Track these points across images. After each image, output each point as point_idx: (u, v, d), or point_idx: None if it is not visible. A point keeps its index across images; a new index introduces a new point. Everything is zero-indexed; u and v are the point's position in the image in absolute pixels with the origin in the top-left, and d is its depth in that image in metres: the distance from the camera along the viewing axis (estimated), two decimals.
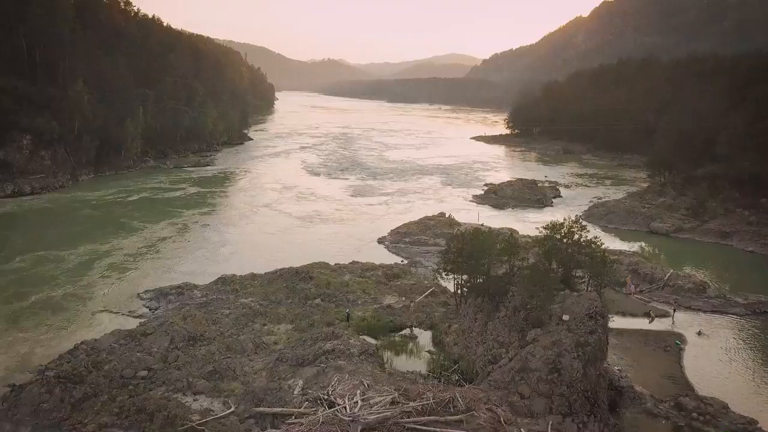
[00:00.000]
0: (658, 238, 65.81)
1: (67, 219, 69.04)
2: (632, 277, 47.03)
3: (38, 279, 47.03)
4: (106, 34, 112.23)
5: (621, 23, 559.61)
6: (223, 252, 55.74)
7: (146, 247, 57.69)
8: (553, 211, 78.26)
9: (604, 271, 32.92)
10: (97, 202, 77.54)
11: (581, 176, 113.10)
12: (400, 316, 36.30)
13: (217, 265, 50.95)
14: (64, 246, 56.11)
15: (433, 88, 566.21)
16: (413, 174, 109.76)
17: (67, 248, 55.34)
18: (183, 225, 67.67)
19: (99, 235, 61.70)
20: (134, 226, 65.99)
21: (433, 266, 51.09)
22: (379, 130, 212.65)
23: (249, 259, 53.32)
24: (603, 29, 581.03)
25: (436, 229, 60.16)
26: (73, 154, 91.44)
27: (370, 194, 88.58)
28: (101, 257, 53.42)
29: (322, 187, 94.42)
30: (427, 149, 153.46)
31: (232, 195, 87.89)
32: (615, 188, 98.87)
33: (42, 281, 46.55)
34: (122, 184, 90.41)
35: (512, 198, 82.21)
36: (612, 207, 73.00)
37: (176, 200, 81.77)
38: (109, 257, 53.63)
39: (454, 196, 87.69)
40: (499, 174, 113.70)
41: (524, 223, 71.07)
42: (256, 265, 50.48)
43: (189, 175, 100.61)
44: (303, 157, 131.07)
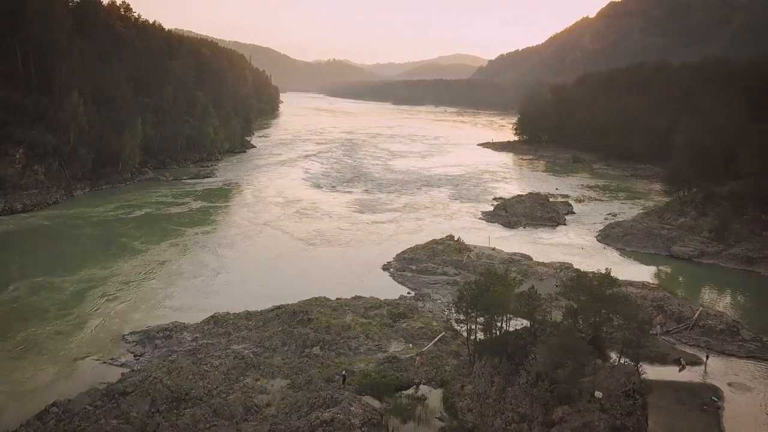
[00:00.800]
0: (679, 263, 62.12)
1: (62, 239, 66.39)
2: (660, 316, 43.29)
3: (29, 311, 44.85)
4: (105, 42, 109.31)
5: (628, 24, 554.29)
6: (218, 282, 52.40)
7: (141, 274, 54.70)
8: (566, 231, 74.77)
9: (642, 342, 28.65)
10: (93, 220, 74.44)
11: (593, 188, 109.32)
12: (407, 370, 32.84)
13: (211, 299, 47.72)
14: (59, 271, 54.04)
15: (438, 90, 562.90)
16: (419, 186, 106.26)
17: (62, 274, 53.24)
18: (180, 246, 64.62)
19: (94, 258, 59.19)
20: (130, 248, 63.11)
21: (441, 299, 47.92)
22: (385, 136, 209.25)
23: (245, 290, 50.09)
24: (609, 30, 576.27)
25: (444, 256, 56.68)
26: (68, 167, 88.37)
27: (375, 210, 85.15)
28: (95, 285, 50.91)
29: (326, 201, 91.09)
30: (433, 158, 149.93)
31: (232, 211, 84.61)
32: (630, 203, 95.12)
33: (33, 314, 44.37)
34: (119, 198, 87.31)
35: (523, 216, 78.61)
36: (629, 228, 69.27)
37: (174, 217, 78.57)
38: (103, 285, 51.02)
39: (463, 213, 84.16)
40: (509, 186, 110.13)
41: (537, 245, 67.52)
42: (252, 299, 47.29)
43: (188, 189, 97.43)
44: (306, 167, 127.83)
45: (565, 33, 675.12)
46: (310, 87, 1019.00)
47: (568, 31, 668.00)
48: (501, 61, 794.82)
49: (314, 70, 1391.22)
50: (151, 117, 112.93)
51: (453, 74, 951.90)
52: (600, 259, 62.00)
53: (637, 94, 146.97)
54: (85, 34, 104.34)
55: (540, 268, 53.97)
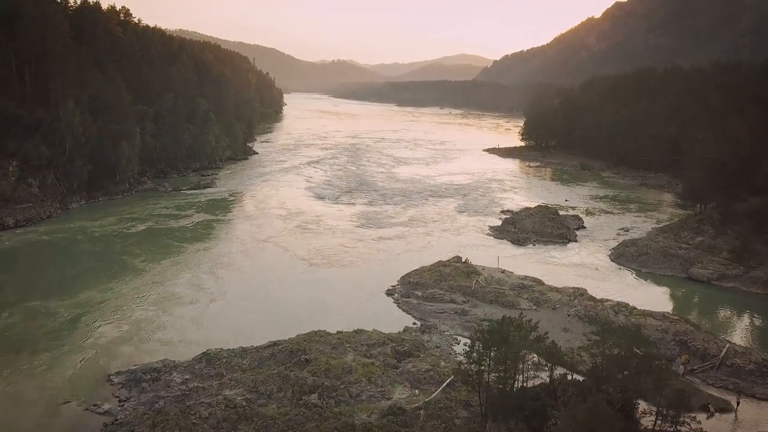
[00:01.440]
0: (698, 286, 59.10)
1: (61, 257, 64.24)
2: (685, 356, 40.32)
3: (22, 341, 43.16)
4: (103, 49, 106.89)
5: (633, 25, 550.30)
6: (213, 310, 49.68)
7: (137, 298, 52.45)
8: (578, 248, 71.84)
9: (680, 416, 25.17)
10: (91, 236, 71.95)
11: (603, 199, 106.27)
12: (412, 425, 30.02)
13: (205, 330, 45.11)
14: (57, 293, 52.43)
15: (443, 91, 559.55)
16: (425, 197, 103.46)
17: (60, 296, 51.61)
18: (179, 265, 62.35)
19: (94, 278, 57.53)
20: (130, 267, 61.02)
21: (448, 331, 45.19)
22: (389, 141, 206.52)
23: (241, 320, 47.43)
24: (615, 30, 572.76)
25: (451, 281, 53.85)
26: (64, 179, 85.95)
27: (379, 224, 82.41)
28: (91, 310, 49.10)
29: (328, 214, 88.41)
30: (439, 165, 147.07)
31: (233, 225, 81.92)
32: (642, 216, 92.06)
33: (25, 344, 42.63)
34: (116, 211, 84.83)
35: (533, 232, 75.72)
36: (645, 247, 66.27)
37: (174, 232, 76.05)
38: (99, 310, 49.17)
39: (470, 228, 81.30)
40: (517, 196, 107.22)
41: (548, 265, 64.64)
42: (248, 330, 44.83)
43: (188, 200, 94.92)
44: (309, 175, 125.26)
45: (570, 33, 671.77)
46: (315, 88, 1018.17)
47: (574, 32, 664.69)
48: (506, 61, 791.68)
49: (319, 71, 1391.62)
50: (151, 125, 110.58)
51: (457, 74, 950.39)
52: (615, 282, 59.19)
53: (646, 99, 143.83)
54: (83, 41, 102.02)
55: (553, 295, 51.14)
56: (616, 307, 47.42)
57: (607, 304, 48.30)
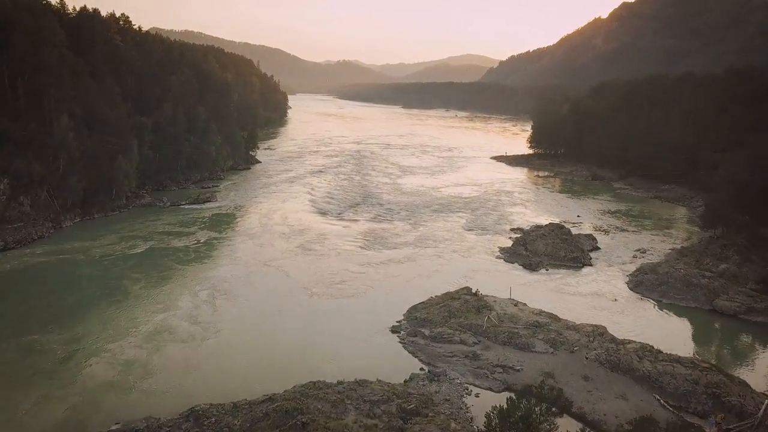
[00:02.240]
0: (724, 320, 55.40)
1: (55, 284, 61.10)
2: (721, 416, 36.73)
3: (12, 383, 41.01)
4: (101, 59, 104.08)
5: (641, 25, 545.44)
6: (206, 351, 46.36)
7: (131, 332, 49.63)
8: (594, 274, 68.16)
9: None
10: (85, 259, 69.12)
11: (616, 215, 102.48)
12: None
13: (195, 377, 41.81)
14: (54, 325, 50.33)
15: (449, 93, 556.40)
16: (431, 211, 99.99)
17: (57, 329, 49.53)
18: (176, 293, 59.49)
19: (95, 306, 55.31)
20: (124, 295, 58.31)
21: (459, 379, 41.76)
22: (395, 147, 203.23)
23: (234, 363, 44.16)
24: (622, 31, 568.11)
25: (461, 317, 50.34)
26: (57, 196, 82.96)
27: (384, 244, 79.00)
28: (85, 346, 46.83)
29: (332, 232, 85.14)
30: (445, 174, 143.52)
31: (233, 245, 78.56)
32: (659, 234, 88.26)
33: (15, 386, 40.57)
34: (112, 230, 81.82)
35: (545, 255, 72.15)
36: (665, 274, 62.54)
37: (172, 254, 72.91)
38: (92, 347, 46.77)
39: (479, 249, 77.76)
40: (526, 210, 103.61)
41: (563, 294, 61.04)
42: (241, 377, 41.67)
43: (187, 216, 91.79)
44: (313, 186, 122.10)
45: (576, 34, 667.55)
46: (320, 88, 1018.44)
47: (580, 32, 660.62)
48: (512, 62, 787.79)
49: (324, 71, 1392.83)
50: (149, 136, 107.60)
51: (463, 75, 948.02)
52: (635, 316, 55.57)
53: (659, 107, 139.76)
54: (81, 51, 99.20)
55: (570, 334, 47.59)
56: (640, 351, 43.86)
57: (630, 347, 44.71)
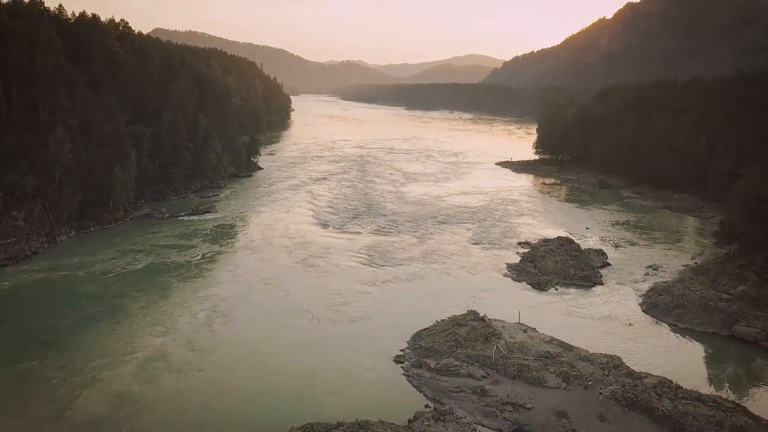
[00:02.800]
0: (744, 347, 52.80)
1: (53, 304, 59.34)
2: None
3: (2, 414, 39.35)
4: (99, 67, 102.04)
5: (646, 26, 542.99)
6: (199, 384, 44.00)
7: (125, 361, 47.56)
8: (605, 294, 65.63)
9: None
10: (80, 276, 67.26)
11: (625, 226, 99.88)
12: None
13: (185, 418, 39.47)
14: (50, 351, 48.65)
15: (452, 95, 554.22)
16: (436, 223, 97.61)
17: (55, 355, 47.89)
18: (175, 313, 57.70)
19: (94, 329, 53.70)
20: (117, 318, 56.06)
21: (467, 418, 39.37)
22: (399, 152, 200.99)
23: (227, 399, 41.86)
24: (627, 32, 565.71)
25: (468, 346, 47.90)
26: (53, 209, 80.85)
27: (388, 259, 76.63)
28: (78, 374, 45.10)
29: (335, 245, 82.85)
30: (450, 182, 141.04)
31: (233, 260, 76.25)
32: (671, 249, 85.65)
33: (5, 419, 38.94)
34: (108, 243, 79.79)
35: (554, 273, 69.72)
36: (680, 296, 59.96)
37: (171, 270, 71.04)
38: (86, 375, 44.87)
39: (486, 265, 75.29)
40: (534, 222, 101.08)
41: (574, 318, 58.57)
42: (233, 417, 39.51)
43: (186, 228, 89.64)
44: (315, 194, 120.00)
45: (581, 34, 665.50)
46: (324, 89, 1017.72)
47: (585, 33, 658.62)
48: (516, 63, 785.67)
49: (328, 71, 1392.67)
50: (148, 145, 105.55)
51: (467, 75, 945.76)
52: (651, 343, 53.05)
53: (669, 113, 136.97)
54: (79, 58, 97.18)
55: (583, 366, 45.14)
56: (658, 387, 41.37)
57: (648, 382, 42.24)
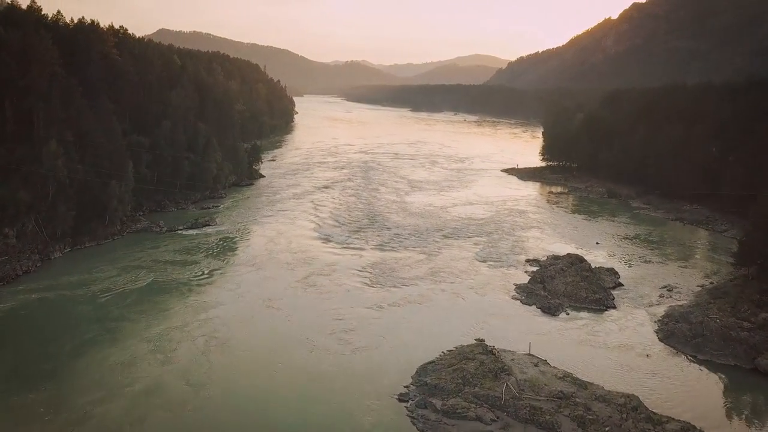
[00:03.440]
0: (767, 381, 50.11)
1: (39, 332, 56.73)
2: None
3: None
4: (97, 75, 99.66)
5: (652, 26, 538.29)
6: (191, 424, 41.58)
7: (119, 394, 45.39)
8: (620, 319, 62.73)
9: None
10: (70, 297, 64.86)
11: (636, 240, 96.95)
12: None
13: None
14: (45, 382, 46.65)
15: (457, 96, 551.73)
16: (442, 237, 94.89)
17: (51, 389, 45.78)
18: (173, 339, 55.22)
19: (92, 357, 51.74)
20: (112, 348, 53.55)
21: None
22: (403, 156, 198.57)
23: None
24: (633, 32, 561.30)
25: (476, 384, 45.14)
26: (46, 226, 78.47)
27: (392, 279, 73.84)
28: (70, 409, 42.99)
29: (338, 262, 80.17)
30: (455, 191, 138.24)
31: (233, 278, 73.64)
32: (685, 266, 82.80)
33: None
34: (103, 260, 77.25)
35: (565, 296, 66.95)
36: (699, 324, 57.07)
37: (166, 290, 68.64)
38: (78, 412, 42.56)
39: (494, 285, 72.50)
40: (542, 236, 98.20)
41: (587, 347, 55.72)
42: None
43: (184, 243, 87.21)
44: (318, 204, 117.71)
45: (586, 35, 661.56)
46: (328, 89, 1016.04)
47: (590, 33, 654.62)
48: (520, 63, 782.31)
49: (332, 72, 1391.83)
50: (147, 156, 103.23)
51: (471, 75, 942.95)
52: (671, 377, 50.17)
53: (680, 120, 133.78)
54: (76, 67, 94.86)
55: (599, 408, 42.37)
56: None
57: (670, 428, 39.49)
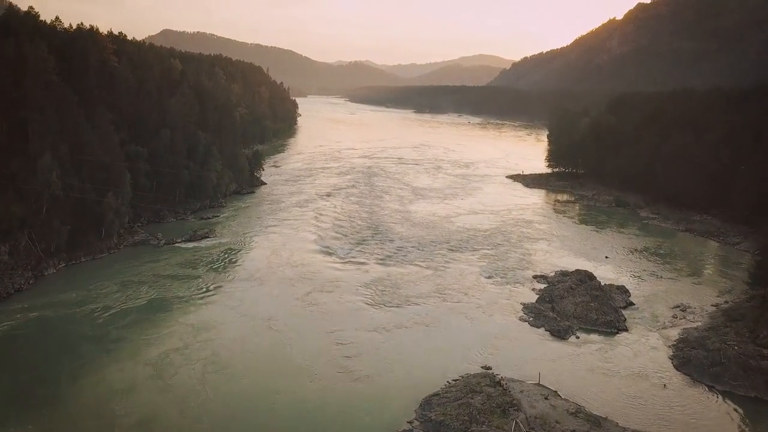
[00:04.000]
0: None
1: (31, 355, 55.14)
2: None
3: None
4: (94, 83, 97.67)
5: (657, 27, 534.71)
6: None
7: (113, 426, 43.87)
8: (632, 344, 60.23)
9: None
10: (62, 316, 63.13)
11: (645, 253, 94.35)
12: None
13: None
14: (47, 408, 45.82)
15: (461, 97, 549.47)
16: (446, 250, 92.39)
17: (49, 414, 44.98)
18: (170, 365, 53.34)
19: (89, 380, 50.76)
20: (110, 374, 51.93)
21: None
22: (407, 161, 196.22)
23: None
24: (638, 33, 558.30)
25: (483, 421, 42.72)
26: (40, 241, 76.31)
27: (396, 298, 71.34)
28: None
29: (340, 279, 78.04)
30: (459, 199, 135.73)
31: (232, 295, 71.59)
32: (697, 282, 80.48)
33: None
34: (99, 276, 75.29)
35: (575, 317, 64.55)
36: (716, 351, 54.57)
37: (163, 310, 66.70)
38: None
39: (501, 306, 70.01)
40: (549, 248, 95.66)
41: (598, 375, 53.32)
42: None
43: (182, 257, 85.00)
44: (320, 212, 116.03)
45: (591, 35, 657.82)
46: (332, 90, 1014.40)
47: (595, 34, 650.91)
48: (525, 64, 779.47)
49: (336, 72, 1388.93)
50: (145, 166, 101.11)
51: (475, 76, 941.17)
52: (689, 412, 47.74)
53: (688, 127, 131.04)
54: (73, 75, 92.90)
55: None
56: None
57: None
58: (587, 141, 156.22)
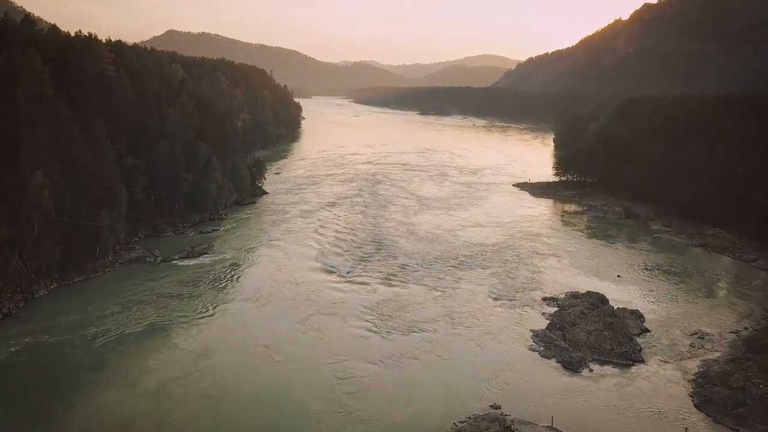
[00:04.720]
0: None
1: (22, 388, 52.42)
2: None
3: None
4: (90, 94, 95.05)
5: (664, 28, 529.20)
6: None
7: None
8: (649, 377, 56.94)
9: None
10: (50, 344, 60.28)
11: (658, 271, 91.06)
12: None
13: None
14: None
15: (465, 99, 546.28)
16: (452, 268, 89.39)
17: None
18: (161, 411, 49.73)
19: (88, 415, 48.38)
20: (105, 407, 49.32)
21: None
22: (412, 167, 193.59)
23: None
24: (644, 34, 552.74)
25: None
26: (31, 261, 73.65)
27: (400, 324, 68.20)
28: None
29: (342, 300, 75.12)
30: (465, 209, 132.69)
31: (230, 318, 68.83)
32: (715, 305, 77.03)
33: None
34: (91, 298, 72.69)
35: (587, 347, 61.47)
36: (740, 390, 51.45)
37: (159, 334, 64.01)
38: None
39: (509, 332, 66.89)
40: (558, 265, 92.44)
41: (618, 415, 50.06)
42: None
43: (180, 275, 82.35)
44: (322, 223, 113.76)
45: (597, 36, 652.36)
46: (337, 90, 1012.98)
47: (601, 34, 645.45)
48: (530, 64, 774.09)
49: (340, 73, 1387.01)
50: (143, 179, 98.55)
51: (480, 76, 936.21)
52: None
53: (699, 135, 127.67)
54: (69, 86, 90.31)
55: None
56: None
57: None
58: (595, 149, 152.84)
